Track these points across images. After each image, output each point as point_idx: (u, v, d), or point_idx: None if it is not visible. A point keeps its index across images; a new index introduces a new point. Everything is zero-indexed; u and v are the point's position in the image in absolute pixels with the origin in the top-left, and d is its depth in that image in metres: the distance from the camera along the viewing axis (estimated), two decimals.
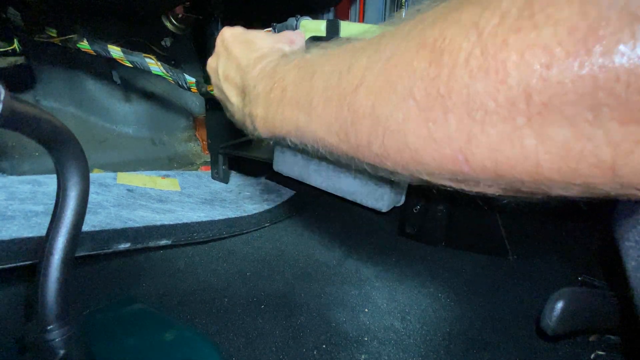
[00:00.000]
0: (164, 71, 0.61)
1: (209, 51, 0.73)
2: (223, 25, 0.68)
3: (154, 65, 0.61)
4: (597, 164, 0.17)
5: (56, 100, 0.78)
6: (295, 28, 0.49)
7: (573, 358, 0.41)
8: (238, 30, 0.44)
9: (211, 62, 0.44)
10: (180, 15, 0.75)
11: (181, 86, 0.63)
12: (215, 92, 0.45)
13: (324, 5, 0.78)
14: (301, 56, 0.34)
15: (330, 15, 0.55)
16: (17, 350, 0.35)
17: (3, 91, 0.19)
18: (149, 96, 0.90)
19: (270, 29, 0.51)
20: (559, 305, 0.35)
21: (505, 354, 0.41)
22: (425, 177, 0.24)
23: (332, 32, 0.47)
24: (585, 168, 0.17)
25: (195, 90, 0.62)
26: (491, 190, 0.23)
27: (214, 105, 0.75)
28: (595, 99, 0.16)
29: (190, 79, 0.62)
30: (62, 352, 0.28)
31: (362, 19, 0.61)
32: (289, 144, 0.36)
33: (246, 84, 0.39)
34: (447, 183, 0.23)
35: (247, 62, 0.40)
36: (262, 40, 0.41)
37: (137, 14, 0.76)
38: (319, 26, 0.49)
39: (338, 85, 0.27)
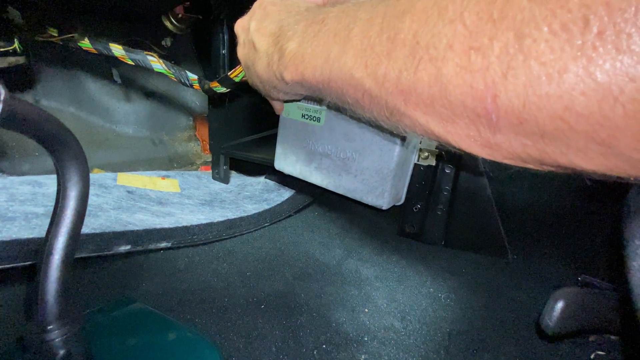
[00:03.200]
0: (166, 69, 0.61)
1: (212, 51, 0.73)
2: (228, 25, 0.68)
3: (156, 63, 0.60)
4: (635, 113, 0.16)
5: (56, 100, 0.78)
6: None
7: (573, 358, 0.41)
8: None
9: (242, 21, 0.43)
10: (180, 15, 0.75)
11: (183, 83, 0.62)
12: (240, 52, 0.43)
13: None
14: (350, 1, 0.32)
15: None
16: (17, 350, 0.35)
17: (3, 91, 0.19)
18: (149, 96, 0.90)
19: None
20: (559, 305, 0.35)
21: (505, 354, 0.41)
22: (442, 125, 0.23)
23: None
24: (619, 116, 0.16)
25: (198, 87, 0.62)
26: (503, 153, 0.21)
27: (217, 104, 0.75)
28: None
29: (193, 76, 0.62)
30: (62, 352, 0.28)
31: None
32: (307, 86, 0.34)
33: (284, 25, 0.37)
34: (463, 132, 0.22)
35: (287, 13, 0.38)
36: (303, 1, 0.39)
37: (137, 14, 0.76)
38: None
39: (384, 14, 0.25)
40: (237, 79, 0.55)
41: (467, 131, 0.22)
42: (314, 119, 0.52)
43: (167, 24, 0.75)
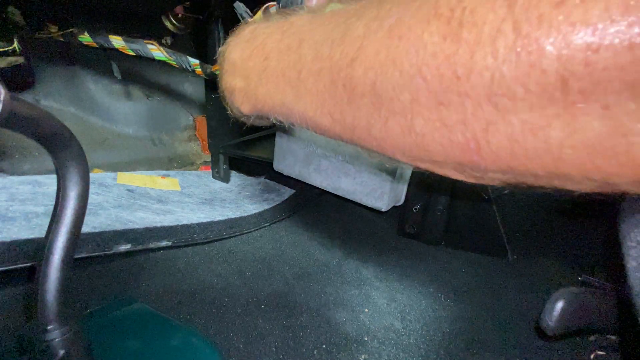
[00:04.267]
0: (167, 56, 0.61)
1: (208, 49, 0.72)
2: (223, 25, 0.68)
3: (157, 51, 0.60)
4: (628, 162, 0.15)
5: (56, 100, 0.78)
6: (301, 3, 0.48)
7: (573, 358, 0.41)
8: None
9: None
10: (180, 15, 0.75)
11: (185, 69, 0.62)
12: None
13: None
14: (285, 18, 0.30)
15: None
16: (17, 350, 0.35)
17: (3, 91, 0.19)
18: (149, 96, 0.90)
19: (273, 2, 0.50)
20: (559, 305, 0.35)
21: (505, 354, 0.41)
22: (427, 165, 0.21)
23: None
24: (612, 166, 0.15)
25: (200, 73, 0.62)
26: (495, 182, 0.20)
27: (216, 102, 0.75)
28: None
29: (195, 61, 0.62)
30: (62, 352, 0.28)
31: None
32: (274, 121, 0.32)
33: (232, 56, 0.35)
34: (450, 172, 0.21)
35: (237, 37, 0.35)
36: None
37: (137, 14, 0.76)
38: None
39: (330, 57, 0.23)
40: None
41: (454, 172, 0.21)
42: None
43: (167, 23, 0.75)
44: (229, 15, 0.53)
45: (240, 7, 0.52)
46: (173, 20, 0.75)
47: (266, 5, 0.50)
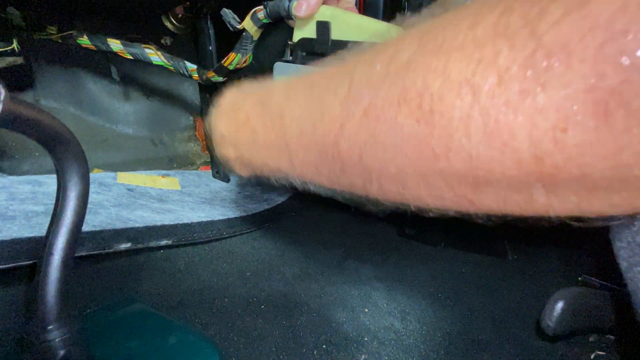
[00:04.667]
0: (165, 60, 0.61)
1: (199, 48, 0.72)
2: (213, 23, 0.67)
3: (154, 55, 0.61)
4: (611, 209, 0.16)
5: (56, 100, 0.78)
6: (288, 10, 0.47)
7: (573, 358, 0.41)
8: None
9: None
10: (180, 15, 0.75)
11: (182, 74, 0.63)
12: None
13: None
14: (260, 93, 0.31)
15: None
16: (17, 350, 0.35)
17: (3, 91, 0.19)
18: (149, 96, 0.90)
19: (261, 7, 0.50)
20: (559, 305, 0.35)
21: (505, 354, 0.41)
22: (429, 211, 0.22)
23: (323, 34, 0.46)
24: (596, 211, 0.16)
25: (197, 78, 0.62)
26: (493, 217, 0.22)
27: (210, 102, 0.75)
28: (617, 162, 0.14)
29: (192, 67, 0.63)
30: (62, 352, 0.28)
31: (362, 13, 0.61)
32: (275, 183, 0.33)
33: (208, 123, 0.36)
34: (451, 213, 0.22)
35: (227, 107, 0.37)
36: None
37: (137, 14, 0.76)
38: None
39: (314, 134, 0.24)
40: (231, 67, 0.56)
41: (452, 213, 0.23)
42: None
43: (167, 23, 0.75)
44: (218, 11, 0.53)
45: (227, 15, 0.52)
46: (173, 20, 0.75)
47: (254, 10, 0.50)
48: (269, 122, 0.29)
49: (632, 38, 0.13)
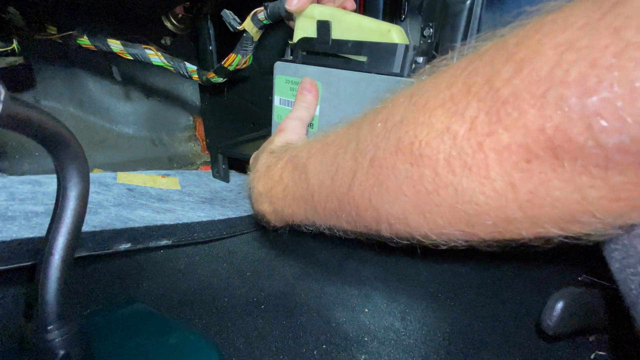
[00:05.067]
0: (165, 61, 0.61)
1: (199, 47, 0.72)
2: (213, 22, 0.67)
3: (154, 56, 0.61)
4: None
5: (56, 100, 0.78)
6: (287, 11, 0.47)
7: (573, 358, 0.41)
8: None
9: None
10: (180, 15, 0.75)
11: (183, 75, 0.63)
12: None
13: None
14: (289, 154, 0.37)
15: None
16: (17, 350, 0.35)
17: (3, 91, 0.19)
18: (149, 96, 0.90)
19: (262, 8, 0.50)
20: (559, 305, 0.35)
21: (505, 354, 0.41)
22: (439, 244, 0.26)
23: (323, 34, 0.46)
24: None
25: (197, 79, 0.62)
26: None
27: (211, 103, 0.75)
28: (577, 182, 0.18)
29: (192, 67, 0.62)
30: (62, 352, 0.28)
31: (362, 13, 0.61)
32: (305, 230, 0.39)
33: (247, 184, 0.44)
34: (460, 245, 0.26)
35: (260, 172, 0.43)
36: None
37: (137, 14, 0.76)
38: (312, 11, 0.47)
39: (332, 185, 0.29)
40: (231, 68, 0.56)
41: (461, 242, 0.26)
42: (309, 125, 0.52)
43: (167, 24, 0.75)
44: (217, 10, 0.53)
45: (228, 16, 0.52)
46: (173, 20, 0.75)
47: (254, 11, 0.50)
48: (297, 177, 0.34)
49: (567, 87, 0.16)
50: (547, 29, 0.18)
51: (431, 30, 0.47)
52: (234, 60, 0.54)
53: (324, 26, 0.46)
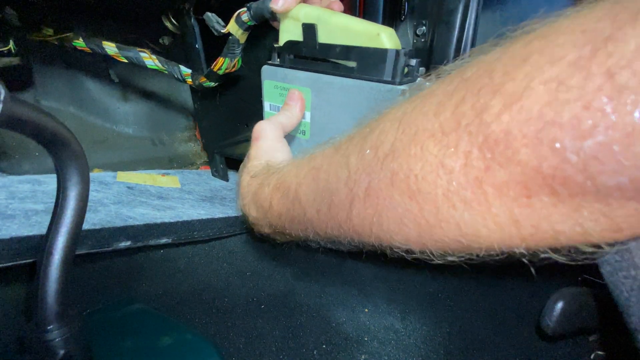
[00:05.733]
0: (159, 65, 0.61)
1: (185, 47, 0.71)
2: (196, 18, 0.66)
3: (149, 59, 0.60)
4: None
5: (56, 100, 0.78)
6: (271, 12, 0.45)
7: (573, 358, 0.41)
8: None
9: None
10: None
11: (177, 78, 0.62)
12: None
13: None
14: (275, 178, 0.36)
15: None
16: (17, 350, 0.35)
17: (3, 91, 0.19)
18: (148, 96, 0.90)
19: (245, 9, 0.47)
20: (559, 305, 0.35)
21: (505, 354, 0.41)
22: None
23: (309, 38, 0.44)
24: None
25: (190, 82, 0.62)
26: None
27: (203, 104, 0.75)
28: (578, 217, 0.17)
29: (186, 71, 0.62)
30: (62, 352, 0.28)
31: (361, 15, 0.61)
32: (314, 245, 0.38)
33: (240, 199, 0.44)
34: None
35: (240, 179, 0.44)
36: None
37: (137, 14, 0.76)
38: (297, 13, 0.44)
39: (330, 213, 0.28)
40: (220, 72, 0.55)
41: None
42: (300, 132, 0.50)
43: (167, 23, 0.75)
44: (200, 6, 0.52)
45: (211, 19, 0.50)
46: (173, 20, 0.75)
47: (238, 12, 0.48)
48: (290, 206, 0.33)
49: (560, 129, 0.16)
50: (534, 61, 0.17)
51: (424, 28, 0.45)
52: (223, 64, 0.53)
53: (309, 30, 0.44)
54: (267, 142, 0.44)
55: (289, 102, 0.47)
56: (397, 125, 0.23)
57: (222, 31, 0.50)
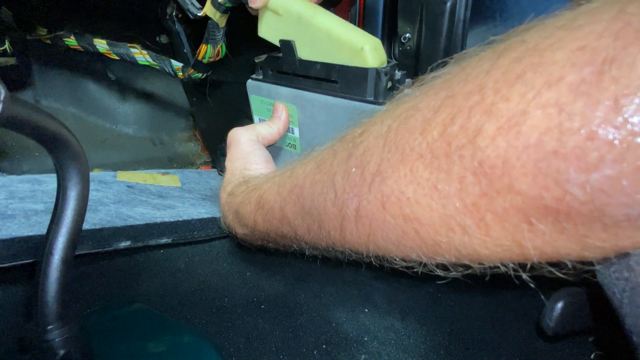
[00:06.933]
0: (150, 60, 0.60)
1: (171, 36, 0.69)
2: (173, 10, 0.65)
3: (139, 55, 0.60)
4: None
5: (56, 100, 0.78)
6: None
7: (573, 358, 0.41)
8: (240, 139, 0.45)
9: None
10: (179, 15, 0.75)
11: (168, 73, 0.61)
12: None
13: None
14: (255, 195, 0.35)
15: None
16: (17, 350, 0.35)
17: (3, 91, 0.19)
18: (148, 96, 0.90)
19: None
20: (559, 305, 0.35)
21: (505, 354, 0.41)
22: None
23: (288, 54, 0.43)
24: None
25: (182, 76, 0.61)
26: None
27: (199, 105, 0.74)
28: (585, 242, 0.17)
29: (178, 65, 0.61)
30: (62, 352, 0.28)
31: (361, 18, 0.61)
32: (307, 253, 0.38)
33: (222, 218, 0.42)
34: None
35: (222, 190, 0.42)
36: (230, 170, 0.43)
37: (134, 12, 0.76)
38: (275, 5, 0.41)
39: (321, 231, 0.27)
40: (204, 60, 0.53)
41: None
42: (289, 145, 0.50)
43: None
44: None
45: (185, 1, 0.48)
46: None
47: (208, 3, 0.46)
48: (278, 224, 0.32)
49: (563, 160, 0.15)
50: (529, 80, 0.16)
51: (408, 35, 0.43)
52: (206, 52, 0.51)
53: (287, 46, 0.42)
54: (239, 147, 0.43)
55: (273, 117, 0.46)
56: (382, 143, 0.21)
57: (198, 14, 0.48)
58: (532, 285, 0.21)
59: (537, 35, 0.17)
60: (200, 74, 0.58)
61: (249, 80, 0.49)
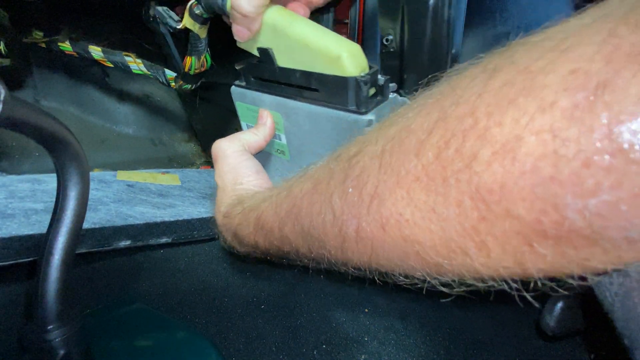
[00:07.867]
0: (144, 69, 0.60)
1: (164, 51, 0.68)
2: (156, 4, 0.64)
3: (133, 64, 0.59)
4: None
5: (56, 100, 0.78)
6: (222, 7, 0.40)
7: (573, 358, 0.41)
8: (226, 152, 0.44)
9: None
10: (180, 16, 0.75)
11: (162, 82, 0.61)
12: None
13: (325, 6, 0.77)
14: (253, 216, 0.34)
15: (330, 16, 0.52)
16: (17, 350, 0.35)
17: (3, 91, 0.19)
18: (148, 96, 0.90)
19: (194, 1, 0.44)
20: (559, 305, 0.35)
21: (505, 354, 0.41)
22: None
23: (267, 61, 0.41)
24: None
25: (174, 86, 0.61)
26: None
27: (192, 107, 0.74)
28: (587, 263, 0.17)
29: (171, 75, 0.60)
30: (62, 352, 0.28)
31: (362, 18, 0.60)
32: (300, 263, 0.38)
33: (221, 238, 0.41)
34: None
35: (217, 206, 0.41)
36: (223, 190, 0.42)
37: (135, 15, 0.76)
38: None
39: (322, 250, 0.27)
40: (191, 72, 0.52)
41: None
42: (278, 151, 0.49)
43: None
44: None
45: (162, 14, 0.47)
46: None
47: (189, 5, 0.45)
48: (279, 244, 0.32)
49: (559, 186, 0.15)
50: (521, 105, 0.16)
51: (391, 37, 0.41)
52: (191, 64, 0.50)
53: (265, 54, 0.41)
54: (225, 160, 0.42)
55: (258, 120, 0.46)
56: (377, 164, 0.22)
57: (177, 27, 0.46)
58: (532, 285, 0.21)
59: (526, 56, 0.17)
60: (190, 85, 0.58)
61: (233, 86, 0.48)
